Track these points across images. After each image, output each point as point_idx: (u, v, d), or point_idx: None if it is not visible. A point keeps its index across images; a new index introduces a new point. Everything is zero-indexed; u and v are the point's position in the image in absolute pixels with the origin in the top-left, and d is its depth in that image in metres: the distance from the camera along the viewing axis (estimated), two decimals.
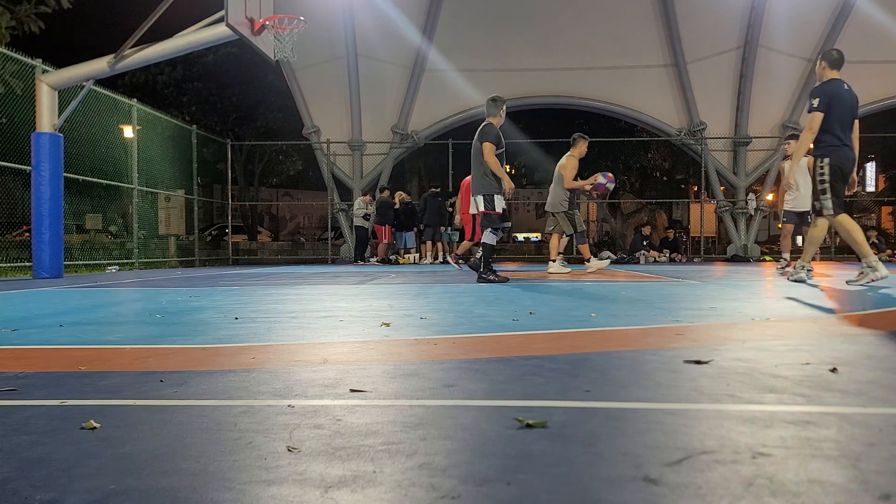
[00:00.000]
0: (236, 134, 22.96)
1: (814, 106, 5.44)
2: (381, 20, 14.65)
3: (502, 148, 6.27)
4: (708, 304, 3.98)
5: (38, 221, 8.36)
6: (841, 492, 0.96)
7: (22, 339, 2.68)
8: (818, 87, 5.50)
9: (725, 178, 16.52)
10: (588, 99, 16.35)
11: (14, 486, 1.02)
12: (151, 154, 12.83)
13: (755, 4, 14.67)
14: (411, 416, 1.41)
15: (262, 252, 19.35)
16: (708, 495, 0.95)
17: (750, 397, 1.56)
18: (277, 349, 2.37)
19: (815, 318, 3.22)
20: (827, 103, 5.40)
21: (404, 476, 1.04)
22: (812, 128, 5.43)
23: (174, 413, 1.47)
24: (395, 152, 16.49)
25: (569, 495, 0.96)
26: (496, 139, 6.19)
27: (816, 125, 5.42)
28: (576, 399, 1.56)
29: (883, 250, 15.46)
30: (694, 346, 2.30)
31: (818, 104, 5.42)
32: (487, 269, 6.35)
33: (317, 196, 26.95)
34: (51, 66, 8.77)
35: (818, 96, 5.45)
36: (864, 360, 2.04)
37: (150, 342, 2.58)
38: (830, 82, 5.52)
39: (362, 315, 3.46)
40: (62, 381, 1.83)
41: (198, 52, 11.64)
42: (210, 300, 4.58)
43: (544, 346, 2.42)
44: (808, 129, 5.46)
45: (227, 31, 7.71)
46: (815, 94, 5.49)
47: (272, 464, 1.11)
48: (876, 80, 15.45)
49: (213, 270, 11.32)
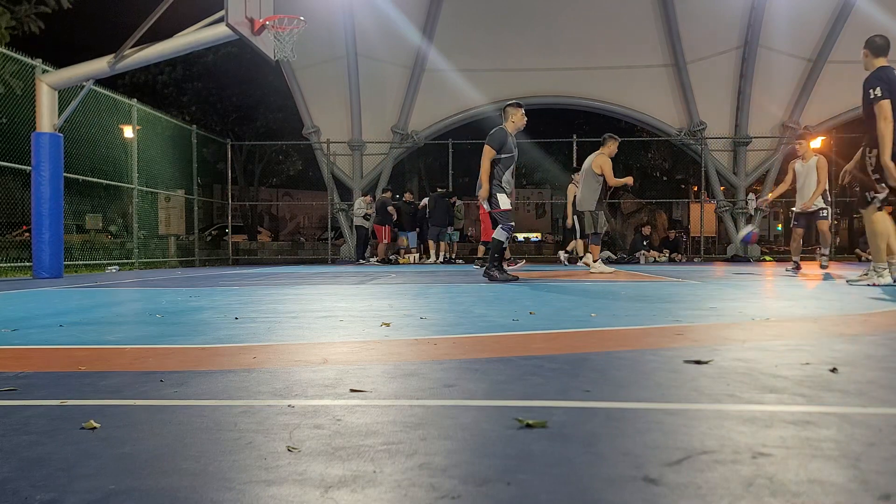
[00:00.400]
0: (236, 134, 22.98)
1: (877, 95, 5.19)
2: (381, 20, 14.65)
3: (509, 153, 6.27)
4: (708, 304, 3.98)
5: (38, 221, 8.36)
6: (841, 492, 0.96)
7: (22, 339, 2.68)
8: (874, 75, 5.27)
9: (725, 178, 16.52)
10: (588, 99, 16.36)
11: (14, 486, 1.02)
12: (151, 154, 12.83)
13: (755, 4, 14.67)
14: (411, 416, 1.41)
15: (262, 252, 19.35)
16: (708, 495, 0.95)
17: (750, 397, 1.56)
18: (277, 349, 2.37)
19: (815, 318, 3.22)
20: (888, 89, 5.17)
21: (404, 476, 1.04)
22: (886, 116, 5.16)
23: (174, 413, 1.47)
24: (395, 152, 16.49)
25: (569, 495, 0.96)
26: (498, 144, 6.23)
27: (889, 112, 5.16)
28: (576, 399, 1.56)
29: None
30: (694, 346, 2.30)
31: (881, 92, 5.17)
32: (493, 266, 6.35)
33: (317, 196, 26.96)
34: (51, 66, 8.77)
35: (878, 84, 5.19)
36: (864, 360, 2.04)
37: (150, 342, 2.58)
38: (884, 69, 5.30)
39: (362, 315, 3.46)
40: (62, 381, 1.83)
41: (198, 52, 11.64)
42: (210, 300, 4.58)
43: (544, 346, 2.42)
44: (884, 119, 5.16)
45: (227, 31, 7.71)
46: (872, 83, 5.23)
47: (272, 464, 1.11)
48: None
49: (213, 270, 11.32)
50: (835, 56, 15.13)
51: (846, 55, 15.09)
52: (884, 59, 5.39)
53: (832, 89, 15.47)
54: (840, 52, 15.06)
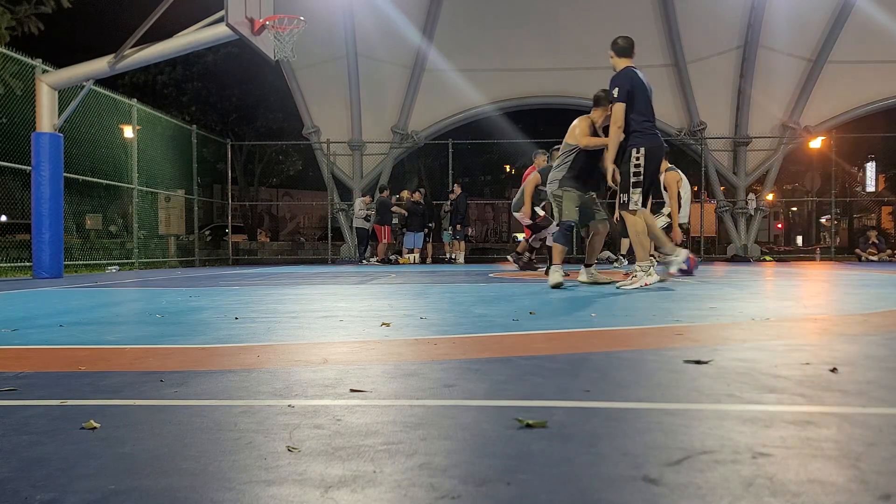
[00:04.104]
0: (236, 134, 22.99)
1: (615, 97, 5.06)
2: (381, 20, 14.64)
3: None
4: (708, 304, 3.98)
5: (38, 221, 8.36)
6: (841, 492, 0.96)
7: (22, 339, 2.68)
8: (618, 75, 5.12)
9: (725, 178, 16.52)
10: (588, 99, 16.29)
11: (14, 486, 1.02)
12: (151, 154, 12.83)
13: (755, 4, 14.66)
14: (411, 416, 1.41)
15: (262, 252, 19.35)
16: (708, 495, 0.95)
17: (750, 397, 1.56)
18: (277, 349, 2.37)
19: (815, 318, 3.22)
20: (628, 92, 5.04)
21: (404, 476, 1.04)
22: (617, 120, 5.04)
23: (174, 413, 1.47)
24: (395, 152, 16.49)
25: (569, 495, 0.96)
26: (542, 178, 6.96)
27: (621, 116, 5.03)
28: (576, 399, 1.56)
29: (883, 250, 15.45)
30: (694, 346, 2.30)
31: (619, 94, 5.03)
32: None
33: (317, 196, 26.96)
34: (51, 66, 8.76)
35: (619, 85, 5.05)
36: (864, 360, 2.04)
37: (150, 342, 2.58)
38: (629, 69, 5.15)
39: (362, 315, 3.46)
40: (62, 381, 1.83)
41: (198, 52, 11.65)
42: (210, 300, 4.58)
43: (544, 346, 2.42)
44: (614, 123, 5.03)
45: (227, 31, 7.71)
46: (615, 82, 5.10)
47: (272, 464, 1.11)
48: (876, 80, 15.47)
49: (213, 270, 11.32)
50: (835, 56, 15.13)
51: (846, 55, 15.10)
52: (628, 59, 5.22)
53: (832, 89, 15.48)
54: (840, 52, 15.06)
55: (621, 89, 5.04)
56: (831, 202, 18.45)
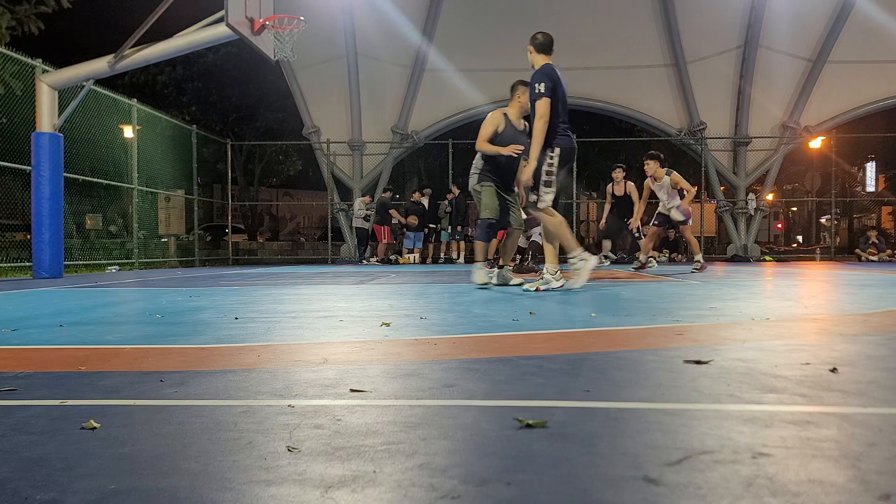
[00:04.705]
0: (236, 134, 22.98)
1: (541, 91, 4.94)
2: (381, 20, 14.64)
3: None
4: (708, 304, 3.98)
5: (38, 221, 8.36)
6: (841, 492, 0.96)
7: (22, 339, 2.68)
8: (540, 71, 5.00)
9: (725, 178, 16.52)
10: (588, 99, 16.34)
11: (14, 486, 1.02)
12: (151, 154, 12.83)
13: (755, 4, 14.66)
14: (411, 416, 1.41)
15: (262, 252, 19.34)
16: (708, 495, 0.95)
17: (750, 397, 1.56)
18: (277, 349, 2.37)
19: (815, 318, 3.22)
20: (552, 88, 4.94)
21: (404, 476, 1.04)
22: (543, 115, 4.93)
23: (174, 413, 1.47)
24: (395, 152, 16.49)
25: (569, 495, 0.96)
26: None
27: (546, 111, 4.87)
28: (576, 399, 1.56)
29: (883, 250, 15.45)
30: (694, 346, 2.30)
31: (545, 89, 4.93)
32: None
33: (317, 196, 26.96)
34: (51, 66, 8.76)
35: (543, 80, 4.95)
36: (864, 360, 2.04)
37: (150, 342, 2.58)
38: (549, 66, 5.05)
39: (362, 315, 3.46)
40: (62, 381, 1.83)
41: (198, 52, 11.64)
42: (210, 300, 4.58)
43: (544, 346, 2.42)
44: (540, 117, 4.91)
45: (227, 31, 7.71)
46: (537, 78, 4.99)
47: (272, 464, 1.11)
48: (876, 80, 15.46)
49: (213, 270, 11.32)
50: (835, 56, 15.13)
51: (846, 55, 15.10)
52: (547, 56, 5.12)
53: (832, 89, 15.48)
54: (840, 52, 15.06)
55: (546, 85, 4.94)
56: (831, 202, 18.45)
